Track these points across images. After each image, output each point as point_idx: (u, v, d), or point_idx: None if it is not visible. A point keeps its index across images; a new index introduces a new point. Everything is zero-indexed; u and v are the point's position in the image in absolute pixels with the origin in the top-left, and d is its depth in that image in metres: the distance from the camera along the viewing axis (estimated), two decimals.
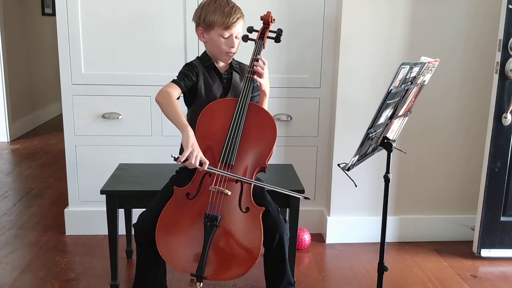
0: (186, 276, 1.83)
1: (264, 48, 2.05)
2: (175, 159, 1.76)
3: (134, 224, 1.94)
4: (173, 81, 1.94)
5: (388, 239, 2.83)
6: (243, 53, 2.08)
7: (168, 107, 1.85)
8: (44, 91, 5.85)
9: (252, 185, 1.90)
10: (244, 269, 1.82)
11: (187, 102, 2.05)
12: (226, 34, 1.92)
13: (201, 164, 1.80)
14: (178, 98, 1.95)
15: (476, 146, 2.82)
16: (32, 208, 3.27)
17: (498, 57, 2.52)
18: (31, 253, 2.66)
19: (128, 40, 2.68)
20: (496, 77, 2.54)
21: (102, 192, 2.15)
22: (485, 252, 2.71)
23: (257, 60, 1.97)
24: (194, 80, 1.97)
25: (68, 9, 2.62)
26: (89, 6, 2.63)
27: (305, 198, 1.98)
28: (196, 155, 1.77)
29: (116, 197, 2.16)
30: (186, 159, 1.77)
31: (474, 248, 2.73)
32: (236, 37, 1.94)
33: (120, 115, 2.74)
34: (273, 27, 2.08)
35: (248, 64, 2.00)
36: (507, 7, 2.45)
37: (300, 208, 2.23)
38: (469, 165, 2.86)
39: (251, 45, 2.05)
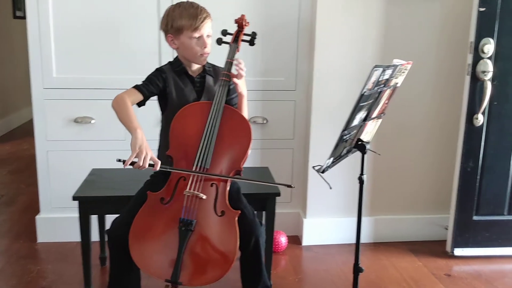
0: (161, 282, 1.81)
1: (238, 51, 2.04)
2: (123, 163, 1.72)
3: (107, 230, 1.91)
4: (135, 86, 1.93)
5: (363, 239, 2.85)
6: (217, 56, 2.07)
7: (120, 112, 1.85)
8: (16, 95, 5.72)
9: (228, 189, 1.89)
10: (220, 273, 1.81)
11: (161, 108, 2.03)
12: (196, 35, 1.90)
13: (152, 165, 1.78)
14: (143, 103, 1.95)
15: (448, 147, 2.86)
16: (3, 215, 3.19)
17: (469, 59, 2.56)
18: (2, 261, 2.59)
19: (101, 43, 2.64)
20: (467, 78, 2.59)
21: (74, 198, 2.11)
22: (458, 251, 2.75)
23: (231, 63, 1.96)
24: (161, 86, 1.95)
25: (39, 12, 2.57)
26: (60, 8, 2.59)
27: (288, 186, 1.92)
28: (145, 157, 1.74)
29: (88, 203, 2.13)
30: (134, 162, 1.74)
31: (448, 247, 2.77)
32: (207, 37, 1.93)
33: (93, 119, 2.70)
34: (247, 30, 2.07)
35: (222, 67, 1.99)
36: (478, 10, 2.49)
37: (277, 211, 2.23)
38: (442, 165, 2.90)
39: (225, 48, 2.04)
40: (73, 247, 2.73)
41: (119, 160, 1.74)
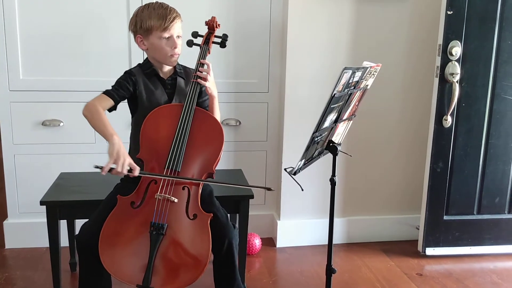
0: None
1: (209, 53, 2.02)
2: (101, 169, 1.69)
3: (76, 235, 1.87)
4: (105, 92, 1.90)
5: (336, 240, 2.88)
6: (189, 58, 2.05)
7: (94, 120, 1.82)
8: None
9: (200, 192, 1.88)
10: (192, 278, 1.79)
11: (131, 110, 2.00)
12: (166, 36, 1.88)
13: (131, 170, 1.75)
14: (114, 108, 1.91)
15: (418, 148, 2.91)
16: None
17: (438, 61, 2.60)
18: None
19: (69, 44, 2.59)
20: (436, 80, 2.63)
21: (42, 203, 2.05)
22: (429, 251, 2.79)
23: (202, 65, 1.95)
24: (131, 90, 1.93)
25: (4, 12, 2.51)
26: (27, 8, 2.53)
27: (267, 189, 1.89)
28: (123, 163, 1.72)
29: (57, 208, 2.07)
30: (113, 168, 1.71)
31: (419, 247, 2.80)
32: (177, 37, 1.91)
33: (61, 122, 2.64)
34: (218, 32, 2.06)
35: (193, 69, 1.98)
36: (446, 13, 2.54)
37: (250, 213, 2.22)
38: (412, 166, 2.95)
39: (197, 50, 2.02)
40: (42, 253, 2.67)
41: (97, 167, 1.70)
